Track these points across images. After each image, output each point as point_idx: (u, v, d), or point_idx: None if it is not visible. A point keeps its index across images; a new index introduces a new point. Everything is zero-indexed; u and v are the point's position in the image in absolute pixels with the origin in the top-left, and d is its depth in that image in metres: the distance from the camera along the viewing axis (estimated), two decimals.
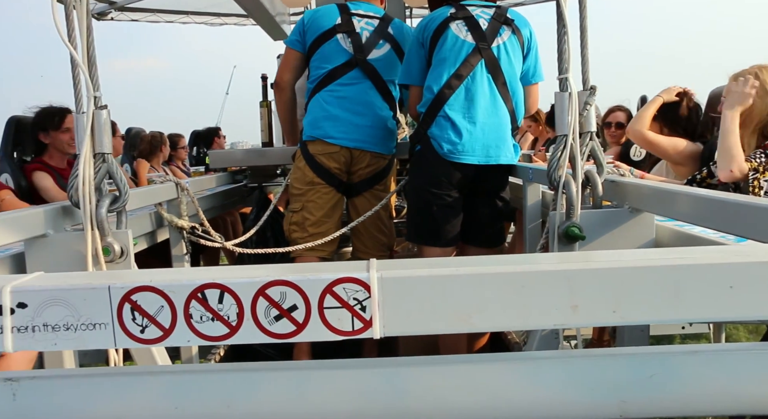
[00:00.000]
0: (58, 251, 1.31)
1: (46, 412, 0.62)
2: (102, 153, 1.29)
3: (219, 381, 0.62)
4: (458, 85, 2.13)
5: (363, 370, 0.65)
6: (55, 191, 2.99)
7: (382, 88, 2.38)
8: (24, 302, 0.54)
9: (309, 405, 0.64)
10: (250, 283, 0.54)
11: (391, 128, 2.42)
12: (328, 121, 2.34)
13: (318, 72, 2.40)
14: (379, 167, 2.38)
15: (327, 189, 2.36)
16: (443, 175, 2.15)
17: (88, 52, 1.27)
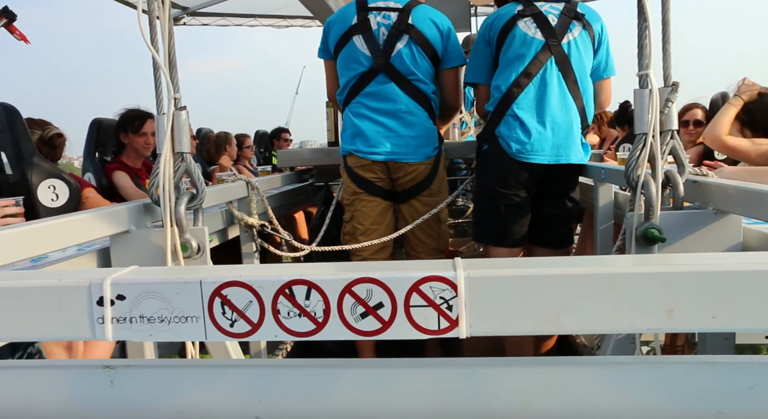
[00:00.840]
0: (139, 247, 1.37)
1: (140, 399, 0.65)
2: (181, 152, 1.34)
3: (303, 376, 0.63)
4: (527, 83, 2.09)
5: (443, 369, 0.64)
6: (132, 189, 3.13)
7: (410, 89, 2.25)
8: (123, 294, 0.56)
9: (389, 402, 0.64)
10: (337, 280, 0.55)
11: (426, 131, 2.27)
12: (357, 136, 2.31)
13: (343, 81, 2.34)
14: (420, 175, 2.28)
15: (371, 198, 2.34)
16: (511, 174, 2.12)
17: (169, 56, 1.32)
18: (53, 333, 0.59)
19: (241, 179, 2.00)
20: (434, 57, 2.25)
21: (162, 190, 1.31)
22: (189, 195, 1.35)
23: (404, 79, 2.24)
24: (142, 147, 3.19)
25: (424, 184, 2.30)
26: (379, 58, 2.23)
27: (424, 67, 2.25)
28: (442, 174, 2.35)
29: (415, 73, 2.24)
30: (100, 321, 0.57)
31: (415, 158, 2.26)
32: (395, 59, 2.23)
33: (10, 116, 2.28)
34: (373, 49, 2.24)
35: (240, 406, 0.64)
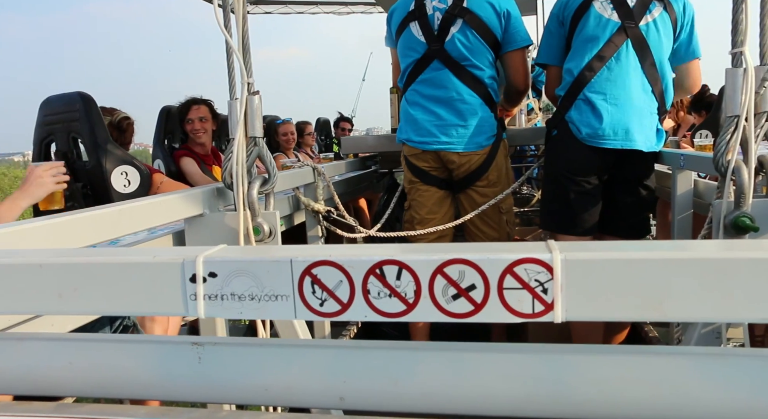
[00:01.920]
0: (213, 230, 1.39)
1: (226, 375, 0.66)
2: (254, 137, 1.35)
3: (388, 358, 0.62)
4: (600, 67, 2.01)
5: (532, 355, 0.62)
6: (199, 175, 3.21)
7: (464, 75, 2.18)
8: (214, 272, 0.57)
9: (474, 386, 0.63)
10: (429, 261, 0.53)
11: (480, 120, 2.20)
12: (409, 124, 2.30)
13: (402, 68, 2.32)
14: (474, 164, 2.23)
15: (426, 187, 2.32)
16: (581, 160, 2.05)
17: (242, 41, 1.33)
18: (147, 308, 0.60)
19: (307, 165, 2.01)
20: (493, 41, 2.19)
21: (235, 174, 1.33)
22: (261, 179, 1.37)
23: (458, 66, 2.19)
24: (191, 133, 3.27)
25: (479, 173, 2.25)
26: (433, 44, 2.20)
27: (481, 52, 2.18)
28: (502, 163, 2.28)
29: (470, 58, 2.18)
30: (192, 298, 0.58)
31: (466, 148, 2.21)
32: (449, 45, 2.18)
33: (86, 105, 2.37)
34: (428, 34, 2.21)
35: (324, 386, 0.64)
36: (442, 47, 2.19)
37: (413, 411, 0.63)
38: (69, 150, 2.42)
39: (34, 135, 2.47)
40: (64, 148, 2.43)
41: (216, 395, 0.67)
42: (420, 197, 2.33)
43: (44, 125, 2.44)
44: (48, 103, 2.43)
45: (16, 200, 1.74)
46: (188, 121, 3.25)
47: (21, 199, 1.74)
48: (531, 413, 0.62)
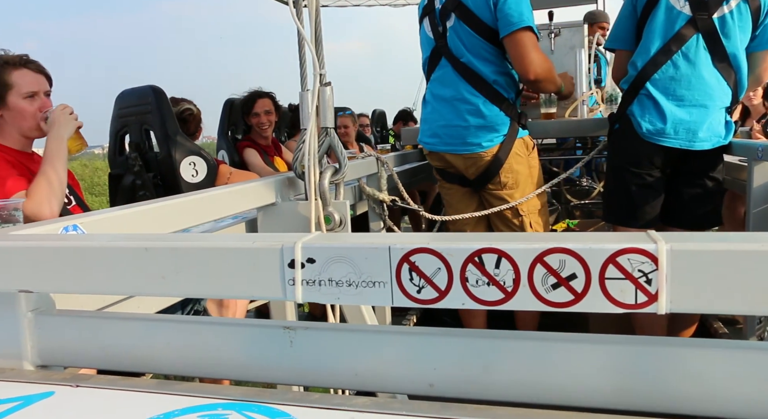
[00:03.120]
0: (285, 218, 1.43)
1: (317, 359, 0.68)
2: (326, 127, 1.38)
3: (478, 346, 0.63)
4: (665, 61, 1.94)
5: (625, 347, 0.61)
6: (261, 166, 3.28)
7: (465, 72, 2.06)
8: (313, 257, 0.59)
9: (564, 377, 0.62)
10: (529, 250, 0.53)
11: (484, 119, 2.07)
12: (423, 124, 2.27)
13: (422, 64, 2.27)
14: (481, 166, 2.12)
15: (449, 186, 2.30)
16: (643, 155, 2.00)
17: (315, 32, 1.35)
18: (247, 292, 0.63)
19: (371, 156, 2.03)
20: (488, 32, 2.03)
21: (307, 164, 1.35)
22: (332, 169, 1.39)
23: (459, 63, 2.09)
24: (257, 126, 3.34)
25: (488, 176, 2.13)
26: (438, 41, 2.13)
27: (476, 45, 2.05)
28: (517, 163, 2.13)
29: (466, 55, 2.06)
30: (290, 283, 0.60)
31: (466, 150, 2.11)
32: (450, 41, 2.09)
33: (158, 98, 2.46)
34: (435, 31, 2.14)
35: (414, 372, 0.65)
36: (445, 44, 2.11)
37: (502, 400, 0.64)
38: (141, 141, 2.52)
39: (110, 127, 2.58)
40: (137, 139, 2.53)
41: (306, 378, 0.69)
42: (447, 195, 2.32)
43: (119, 117, 2.54)
44: (122, 96, 2.53)
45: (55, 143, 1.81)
46: (254, 114, 3.33)
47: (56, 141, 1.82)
48: (623, 406, 0.62)
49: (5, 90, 1.83)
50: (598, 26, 3.93)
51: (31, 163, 1.97)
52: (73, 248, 0.68)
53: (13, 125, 1.89)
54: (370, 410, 0.61)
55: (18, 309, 0.78)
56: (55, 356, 0.81)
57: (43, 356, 0.80)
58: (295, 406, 0.63)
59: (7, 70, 1.82)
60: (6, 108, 1.85)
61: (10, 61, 1.84)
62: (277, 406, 0.63)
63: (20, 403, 0.68)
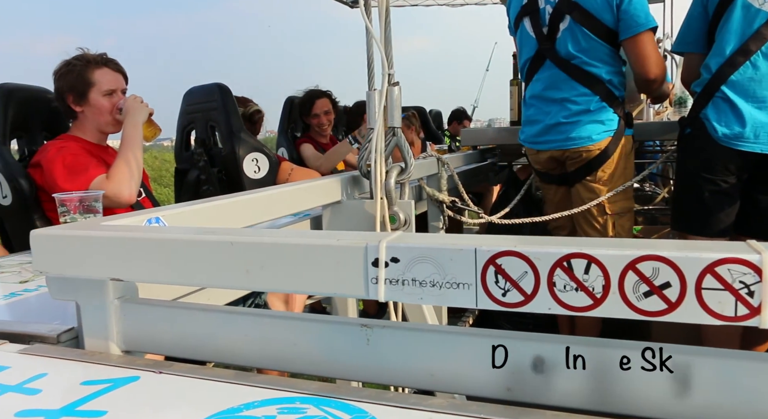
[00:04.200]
0: (349, 217, 1.44)
1: (393, 358, 0.68)
2: (392, 127, 1.38)
3: (558, 351, 0.62)
4: (743, 62, 1.86)
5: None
6: (315, 156, 3.32)
7: (577, 73, 2.09)
8: (397, 257, 0.59)
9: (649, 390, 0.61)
10: (620, 256, 0.52)
11: (596, 116, 2.11)
12: (526, 125, 2.29)
13: (519, 64, 2.29)
14: (585, 160, 2.14)
15: (548, 186, 2.33)
16: (718, 160, 1.92)
17: (384, 32, 1.36)
18: (328, 288, 0.64)
19: (432, 156, 2.03)
20: (607, 33, 2.05)
21: (373, 163, 1.36)
22: (398, 169, 1.40)
23: (570, 65, 2.10)
24: (318, 127, 3.39)
25: (591, 168, 2.16)
26: (544, 43, 2.14)
27: (594, 47, 2.07)
28: (618, 160, 2.14)
29: (581, 56, 2.08)
30: (373, 281, 0.60)
31: (574, 144, 2.14)
32: (560, 43, 2.10)
33: (224, 95, 2.52)
34: (538, 32, 2.14)
35: (492, 375, 0.65)
36: (552, 46, 2.12)
37: (579, 407, 0.63)
38: (207, 137, 2.59)
39: (177, 123, 2.66)
40: (203, 135, 2.61)
41: (383, 376, 0.70)
42: (546, 195, 2.36)
43: (186, 113, 2.62)
44: (190, 93, 2.61)
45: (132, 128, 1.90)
46: (314, 115, 3.37)
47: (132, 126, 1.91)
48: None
49: (87, 87, 1.93)
50: None
51: (106, 155, 2.06)
52: (163, 240, 0.70)
53: (92, 121, 1.98)
54: (446, 411, 0.61)
55: (107, 296, 0.81)
56: (138, 342, 0.84)
57: (128, 342, 0.84)
58: (371, 403, 0.64)
59: (90, 69, 1.92)
60: (87, 104, 1.95)
61: (93, 60, 1.94)
62: (354, 402, 0.64)
63: (110, 385, 0.71)
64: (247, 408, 0.64)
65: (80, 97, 1.95)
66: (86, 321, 0.84)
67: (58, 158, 1.85)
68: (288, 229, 1.32)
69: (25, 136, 2.11)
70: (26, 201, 1.93)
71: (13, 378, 0.73)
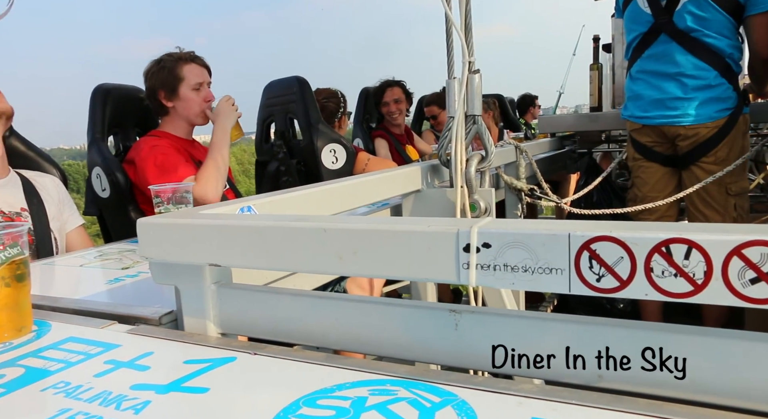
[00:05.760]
0: (429, 205, 1.45)
1: (480, 343, 0.69)
2: (473, 115, 1.38)
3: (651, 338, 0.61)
4: None
5: None
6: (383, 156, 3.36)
7: (697, 47, 2.03)
8: (488, 242, 0.59)
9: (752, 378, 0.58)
10: (724, 241, 0.51)
11: (712, 91, 2.05)
12: (631, 101, 2.23)
13: (627, 41, 2.23)
14: (701, 138, 2.07)
15: (649, 164, 2.24)
16: None
17: (465, 19, 1.35)
18: (421, 274, 0.65)
19: (510, 144, 2.00)
20: (734, 6, 1.99)
21: (453, 151, 1.36)
22: (478, 157, 1.39)
23: (688, 37, 2.04)
24: (388, 116, 3.41)
25: (707, 148, 2.09)
26: (660, 17, 2.08)
27: (717, 20, 2.01)
28: (736, 140, 2.08)
29: (700, 29, 2.02)
30: (465, 267, 0.61)
31: (693, 121, 2.07)
32: (678, 17, 2.05)
33: (302, 88, 2.58)
34: (655, 7, 2.10)
35: (582, 362, 0.64)
36: (670, 20, 2.06)
37: (674, 396, 0.61)
38: (286, 129, 2.66)
39: (258, 116, 2.75)
40: (282, 127, 2.68)
41: (471, 361, 0.70)
42: (643, 174, 2.27)
43: (266, 106, 2.70)
44: (270, 87, 2.69)
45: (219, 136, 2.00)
46: (384, 104, 3.40)
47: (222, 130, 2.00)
48: None
49: (178, 82, 2.04)
50: None
51: (192, 149, 2.16)
52: (258, 227, 0.74)
53: (182, 114, 2.09)
54: (536, 396, 0.61)
55: (204, 281, 0.86)
56: (233, 325, 0.88)
57: (223, 324, 0.88)
58: (461, 387, 0.64)
59: (179, 65, 2.04)
60: (178, 99, 2.07)
61: (181, 57, 2.05)
62: (444, 386, 0.65)
63: (209, 365, 0.76)
64: (340, 389, 0.67)
65: (171, 92, 2.07)
66: (186, 304, 0.89)
67: (150, 158, 1.96)
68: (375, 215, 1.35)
69: (120, 132, 2.25)
70: (123, 194, 2.06)
71: (125, 355, 0.79)
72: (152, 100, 2.13)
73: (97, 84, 2.16)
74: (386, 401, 0.63)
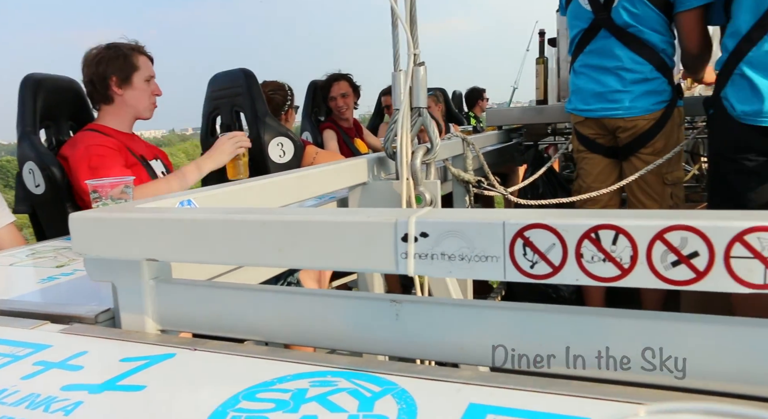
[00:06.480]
0: (375, 197, 1.45)
1: (422, 332, 0.70)
2: (418, 107, 1.38)
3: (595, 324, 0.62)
4: (761, 37, 1.82)
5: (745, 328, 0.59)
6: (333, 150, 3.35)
7: (633, 42, 2.13)
8: (426, 232, 0.60)
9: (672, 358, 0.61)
10: (648, 226, 0.52)
11: (651, 85, 2.15)
12: (574, 94, 2.31)
13: (570, 38, 2.32)
14: (639, 130, 2.17)
15: (592, 156, 2.32)
16: (740, 139, 1.90)
17: (410, 11, 1.35)
18: (359, 264, 0.65)
19: (457, 136, 2.02)
20: (665, 3, 2.08)
21: (399, 143, 1.37)
22: (424, 149, 1.40)
23: (626, 33, 2.13)
24: (336, 110, 3.41)
25: (645, 139, 2.18)
26: (599, 14, 2.17)
27: (650, 16, 2.10)
28: (672, 131, 2.18)
29: (635, 24, 2.11)
30: (403, 256, 0.61)
31: (631, 113, 2.16)
32: (615, 13, 2.13)
33: (248, 81, 2.54)
34: (595, 4, 2.18)
35: (520, 348, 0.66)
36: (609, 16, 2.14)
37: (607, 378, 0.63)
38: (232, 123, 2.62)
39: (203, 109, 2.69)
40: (228, 121, 2.63)
41: (412, 350, 0.71)
42: (586, 165, 2.35)
43: (211, 99, 2.65)
44: (215, 79, 2.63)
45: (200, 164, 1.96)
46: (331, 98, 3.39)
47: (204, 163, 1.96)
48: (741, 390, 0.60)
49: (133, 71, 2.00)
50: None
51: (132, 143, 2.10)
52: (195, 220, 0.72)
53: (131, 104, 2.04)
54: (475, 382, 0.62)
55: (142, 277, 0.84)
56: (173, 321, 0.87)
57: (163, 321, 0.86)
58: (401, 376, 0.65)
59: (135, 55, 2.00)
60: (130, 87, 2.01)
61: (136, 48, 2.01)
62: (384, 375, 0.65)
63: (147, 362, 0.74)
64: (280, 382, 0.66)
65: (125, 80, 2.01)
66: (123, 301, 0.87)
67: (84, 160, 1.89)
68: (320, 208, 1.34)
69: (53, 126, 2.16)
70: (59, 190, 1.98)
71: (57, 356, 0.76)
72: (98, 87, 2.04)
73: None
74: (327, 392, 0.63)
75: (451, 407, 0.57)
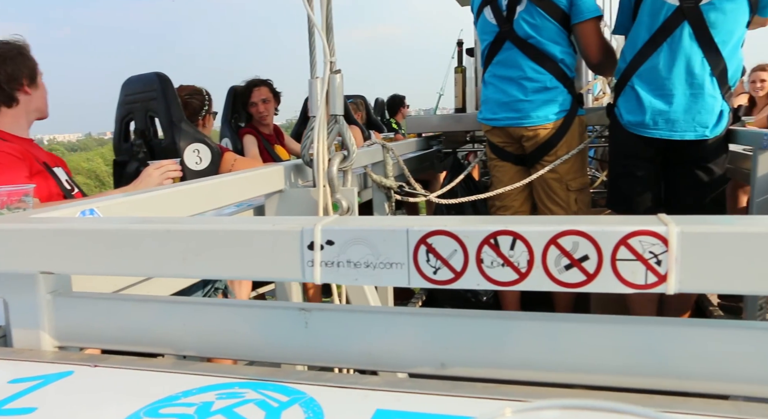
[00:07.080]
0: (292, 205, 1.44)
1: (331, 340, 0.70)
2: (335, 115, 1.39)
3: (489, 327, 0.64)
4: (651, 52, 1.96)
5: (627, 327, 0.63)
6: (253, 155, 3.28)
7: (533, 53, 2.23)
8: (332, 239, 0.60)
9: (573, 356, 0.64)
10: (543, 232, 0.55)
11: (551, 94, 2.24)
12: (484, 104, 2.40)
13: (480, 51, 2.42)
14: (542, 138, 2.27)
15: (502, 163, 2.41)
16: (628, 146, 2.07)
17: (327, 19, 1.36)
18: (266, 273, 0.64)
19: (376, 143, 2.04)
20: (561, 15, 2.19)
21: (316, 151, 1.37)
22: (341, 156, 1.40)
23: (526, 44, 2.23)
24: (257, 116, 3.35)
25: (548, 147, 2.28)
26: (503, 26, 2.27)
27: (548, 27, 2.21)
28: (574, 139, 2.28)
29: (536, 36, 2.21)
30: (309, 264, 0.61)
31: (532, 122, 2.26)
32: (516, 25, 2.24)
33: (163, 85, 2.46)
34: (499, 17, 2.28)
35: (426, 352, 0.67)
36: (511, 28, 2.24)
37: (512, 379, 0.65)
38: (146, 128, 2.52)
39: (116, 114, 2.58)
40: (142, 126, 2.53)
41: (322, 358, 0.71)
42: (498, 173, 2.43)
43: (125, 104, 2.54)
44: (129, 83, 2.53)
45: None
46: (252, 104, 3.33)
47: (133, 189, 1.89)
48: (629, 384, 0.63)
49: (37, 71, 1.89)
50: None
51: (33, 149, 1.98)
52: (96, 231, 0.69)
53: (36, 106, 1.93)
54: (382, 388, 0.63)
55: (37, 291, 0.79)
56: (73, 337, 0.82)
57: (61, 337, 0.82)
58: (309, 385, 0.65)
59: (30, 54, 1.88)
60: (36, 88, 1.90)
61: (26, 44, 1.90)
62: (293, 385, 0.65)
63: (40, 382, 0.70)
64: (186, 396, 0.65)
65: (33, 80, 1.90)
66: (15, 317, 0.81)
67: None
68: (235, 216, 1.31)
69: None
70: None
71: None
72: (5, 87, 1.90)
73: None
74: (233, 404, 0.62)
75: (358, 414, 0.57)
